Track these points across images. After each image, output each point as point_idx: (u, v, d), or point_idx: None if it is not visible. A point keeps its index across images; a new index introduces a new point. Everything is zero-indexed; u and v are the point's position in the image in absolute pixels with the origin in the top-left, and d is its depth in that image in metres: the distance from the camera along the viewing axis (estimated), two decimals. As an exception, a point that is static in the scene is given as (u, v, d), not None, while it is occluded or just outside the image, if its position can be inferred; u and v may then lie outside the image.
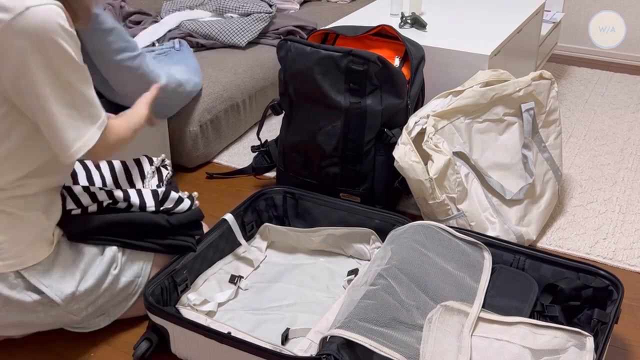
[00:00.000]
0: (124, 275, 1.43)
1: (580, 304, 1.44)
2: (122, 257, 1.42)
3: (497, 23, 2.26)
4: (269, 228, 1.75)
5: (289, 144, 1.91)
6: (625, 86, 2.89)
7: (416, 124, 1.73)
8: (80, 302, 1.37)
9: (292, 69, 1.82)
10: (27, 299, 1.30)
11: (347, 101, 1.78)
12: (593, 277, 1.45)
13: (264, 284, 1.62)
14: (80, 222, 1.39)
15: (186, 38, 2.50)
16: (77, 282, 1.34)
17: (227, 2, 2.66)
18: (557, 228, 1.89)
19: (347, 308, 1.30)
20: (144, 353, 1.38)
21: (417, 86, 1.89)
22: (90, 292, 1.37)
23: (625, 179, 2.14)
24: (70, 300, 1.34)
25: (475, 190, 1.72)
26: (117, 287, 1.42)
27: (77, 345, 1.47)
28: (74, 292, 1.34)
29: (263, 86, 2.42)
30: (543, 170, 1.87)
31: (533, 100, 1.84)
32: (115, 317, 1.47)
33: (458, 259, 1.49)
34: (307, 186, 1.88)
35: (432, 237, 1.51)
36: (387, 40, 1.97)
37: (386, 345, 1.20)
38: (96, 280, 1.37)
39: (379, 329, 1.23)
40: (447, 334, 1.29)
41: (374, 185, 1.85)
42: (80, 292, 1.35)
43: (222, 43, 2.50)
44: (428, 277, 1.39)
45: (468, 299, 1.40)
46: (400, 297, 1.31)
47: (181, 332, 1.35)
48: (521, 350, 1.29)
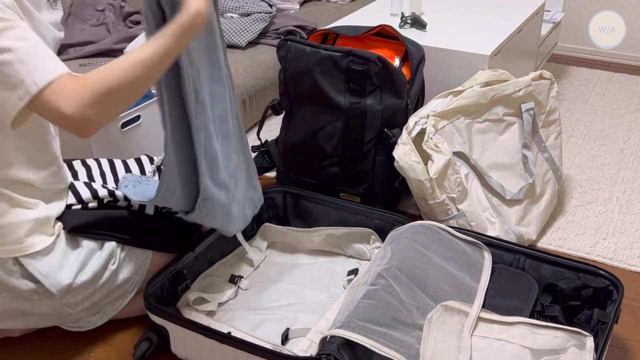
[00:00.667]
0: (122, 271, 1.43)
1: (580, 304, 1.44)
2: (120, 253, 1.42)
3: (497, 23, 2.26)
4: (269, 228, 1.75)
5: (289, 144, 1.91)
6: (625, 86, 2.89)
7: (416, 124, 1.73)
8: (76, 296, 1.37)
9: (292, 69, 1.82)
10: (24, 286, 1.30)
11: (347, 101, 1.78)
12: (593, 277, 1.45)
13: (264, 284, 1.62)
14: (80, 215, 1.39)
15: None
16: (74, 274, 1.34)
17: (227, 2, 2.66)
18: (557, 228, 1.89)
19: (347, 308, 1.30)
20: (144, 353, 1.38)
21: (417, 86, 1.89)
22: (87, 286, 1.37)
23: (625, 179, 2.14)
24: (66, 292, 1.34)
25: (475, 190, 1.72)
26: (115, 283, 1.42)
27: (76, 345, 1.47)
28: (71, 284, 1.34)
29: (263, 86, 2.42)
30: (543, 170, 1.87)
31: (533, 100, 1.84)
32: (111, 314, 1.47)
33: (458, 259, 1.49)
34: (307, 186, 1.88)
35: (432, 237, 1.51)
36: (387, 40, 1.97)
37: (386, 345, 1.20)
38: (93, 274, 1.37)
39: (379, 328, 1.23)
40: (447, 334, 1.29)
41: (374, 185, 1.85)
42: (77, 284, 1.35)
43: (222, 43, 2.50)
44: (428, 277, 1.39)
45: (468, 299, 1.40)
46: (400, 297, 1.31)
47: (181, 332, 1.35)
48: (521, 350, 1.29)
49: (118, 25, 2.58)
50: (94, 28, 2.54)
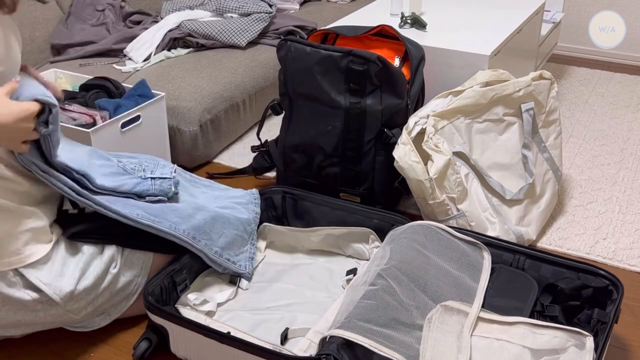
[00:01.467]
0: (124, 274, 1.43)
1: (580, 303, 1.44)
2: (121, 256, 1.42)
3: (497, 23, 2.26)
4: (268, 228, 1.75)
5: (289, 144, 1.91)
6: (625, 86, 2.89)
7: (416, 124, 1.73)
8: (79, 301, 1.37)
9: (292, 69, 1.82)
10: (27, 297, 1.30)
11: (347, 101, 1.78)
12: (593, 277, 1.45)
13: (263, 284, 1.61)
14: (79, 221, 1.39)
15: (186, 38, 2.50)
16: (75, 280, 1.34)
17: (227, 2, 2.66)
18: (557, 228, 1.88)
19: (346, 308, 1.30)
20: (144, 353, 1.38)
21: (417, 86, 1.89)
22: (90, 291, 1.37)
23: (625, 179, 2.14)
24: (69, 299, 1.34)
25: (475, 190, 1.72)
26: (117, 286, 1.42)
27: (76, 345, 1.47)
28: (73, 291, 1.34)
29: (263, 86, 2.42)
30: (543, 170, 1.87)
31: (533, 100, 1.84)
32: (115, 316, 1.47)
33: (458, 259, 1.49)
34: (307, 186, 1.88)
35: (431, 237, 1.51)
36: (387, 40, 1.97)
37: (386, 345, 1.20)
38: (95, 279, 1.37)
39: (379, 329, 1.23)
40: (447, 334, 1.29)
41: (374, 185, 1.85)
42: (79, 290, 1.35)
43: (222, 43, 2.50)
44: (427, 277, 1.39)
45: (467, 299, 1.39)
46: (399, 297, 1.31)
47: (181, 331, 1.35)
48: (521, 350, 1.29)
49: (118, 25, 2.58)
50: (94, 28, 2.54)
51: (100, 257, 1.39)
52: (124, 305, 1.47)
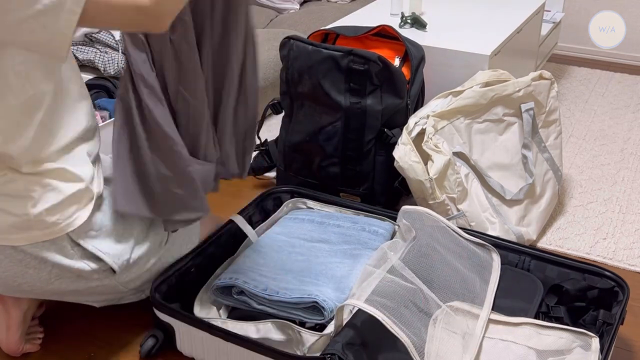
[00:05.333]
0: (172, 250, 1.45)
1: (586, 304, 1.44)
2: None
3: (497, 23, 2.26)
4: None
5: (289, 143, 1.91)
6: (625, 86, 2.90)
7: (416, 124, 1.73)
8: (131, 273, 1.36)
9: (293, 67, 1.82)
10: (86, 267, 1.27)
11: (348, 101, 1.78)
12: (599, 278, 1.45)
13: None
14: None
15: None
16: (130, 248, 1.34)
17: None
18: (557, 228, 1.89)
19: (364, 284, 1.29)
20: (150, 349, 1.39)
21: (417, 86, 1.89)
22: (142, 263, 1.37)
23: (625, 179, 2.14)
24: (125, 269, 1.33)
25: (475, 190, 1.72)
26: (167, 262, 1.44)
27: (77, 345, 1.47)
28: (128, 259, 1.33)
29: (263, 86, 2.42)
30: (543, 170, 1.87)
31: (533, 100, 1.84)
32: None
33: (468, 258, 1.48)
34: (307, 186, 1.87)
35: (444, 233, 1.51)
36: (387, 40, 1.97)
37: (397, 324, 1.19)
38: (147, 249, 1.37)
39: (394, 305, 1.22)
40: (452, 335, 1.28)
41: (374, 185, 1.85)
42: (133, 259, 1.34)
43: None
44: (440, 274, 1.39)
45: (476, 300, 1.39)
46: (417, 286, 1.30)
47: (187, 329, 1.35)
48: (526, 351, 1.29)
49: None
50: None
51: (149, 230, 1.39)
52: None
